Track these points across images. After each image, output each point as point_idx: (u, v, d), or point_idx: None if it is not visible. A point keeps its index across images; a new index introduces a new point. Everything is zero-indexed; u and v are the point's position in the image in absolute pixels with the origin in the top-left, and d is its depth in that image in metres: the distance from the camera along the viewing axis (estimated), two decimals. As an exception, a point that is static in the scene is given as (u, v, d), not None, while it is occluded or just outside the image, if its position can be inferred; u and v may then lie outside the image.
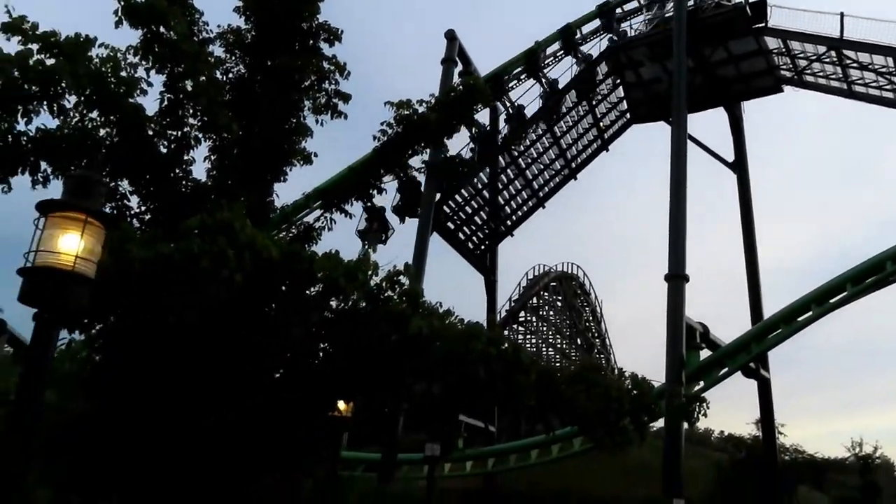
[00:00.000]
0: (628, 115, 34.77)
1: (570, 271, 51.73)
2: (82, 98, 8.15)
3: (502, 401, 7.87)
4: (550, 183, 34.65)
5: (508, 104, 31.00)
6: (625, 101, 34.31)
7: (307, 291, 7.97)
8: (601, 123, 34.48)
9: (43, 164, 8.29)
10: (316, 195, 12.12)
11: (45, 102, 7.77)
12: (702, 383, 24.57)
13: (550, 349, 48.32)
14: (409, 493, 17.45)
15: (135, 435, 7.27)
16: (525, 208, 34.22)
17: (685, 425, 21.99)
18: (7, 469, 3.96)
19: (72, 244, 4.22)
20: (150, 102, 9.16)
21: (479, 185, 31.54)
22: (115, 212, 9.18)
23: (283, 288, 7.45)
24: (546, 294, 49.32)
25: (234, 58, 11.43)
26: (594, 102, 33.37)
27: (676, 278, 23.97)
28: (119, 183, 9.25)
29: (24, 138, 7.94)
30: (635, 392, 8.81)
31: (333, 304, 8.27)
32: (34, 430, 4.10)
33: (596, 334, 54.04)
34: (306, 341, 7.37)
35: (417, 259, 25.32)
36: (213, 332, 7.27)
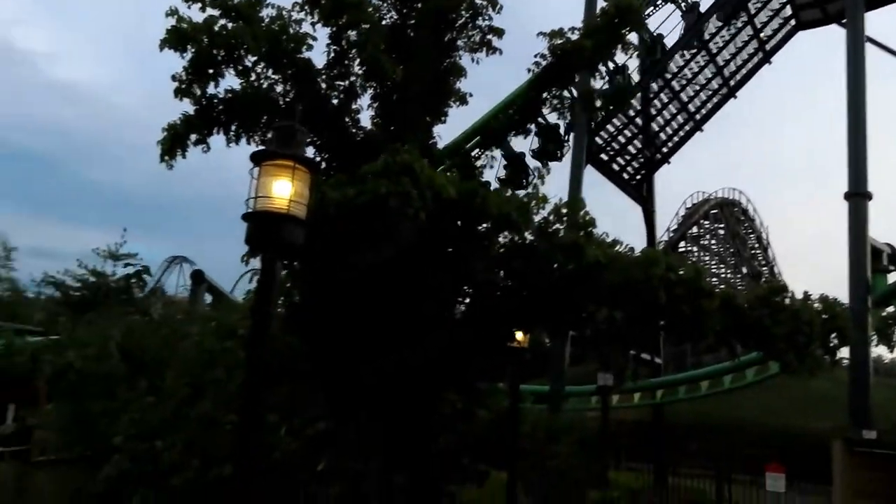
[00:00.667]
0: (793, 22, 31.77)
1: (731, 197, 48.99)
2: (260, 58, 8.70)
3: (686, 326, 7.73)
4: (707, 104, 32.63)
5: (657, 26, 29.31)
6: (789, 6, 31.34)
7: (479, 228, 8.18)
8: (762, 34, 31.79)
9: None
10: (473, 133, 12.26)
11: (230, 65, 8.40)
12: (891, 308, 22.75)
13: (714, 279, 46.42)
14: (580, 423, 17.75)
15: (333, 367, 7.93)
16: (681, 133, 32.57)
17: (882, 351, 20.52)
18: (259, 398, 4.43)
19: (284, 189, 4.60)
20: (317, 56, 9.63)
21: (632, 113, 30.35)
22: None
23: (460, 225, 7.69)
24: (706, 222, 47.17)
25: (385, 4, 11.63)
26: (753, 11, 30.79)
27: (857, 196, 22.03)
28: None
29: (216, 100, 8.65)
30: (825, 315, 8.33)
31: (501, 239, 8.43)
32: (266, 359, 4.58)
33: (763, 261, 51.16)
34: (485, 276, 7.60)
35: (572, 192, 25.02)
36: (396, 272, 7.68)
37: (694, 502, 16.31)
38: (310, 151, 9.92)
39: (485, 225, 8.24)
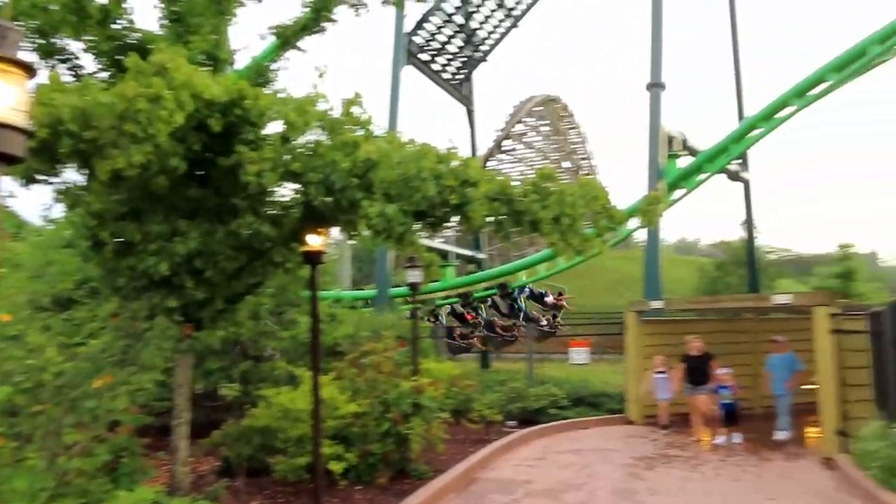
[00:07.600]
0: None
1: (553, 95, 50.91)
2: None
3: (455, 215, 8.16)
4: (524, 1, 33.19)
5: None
6: None
7: (262, 131, 8.01)
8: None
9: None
10: (275, 35, 11.75)
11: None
12: (685, 189, 25.24)
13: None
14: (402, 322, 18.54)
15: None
16: (500, 30, 33.05)
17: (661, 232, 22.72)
18: None
19: (-6, 95, 4.28)
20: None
21: (450, 11, 30.33)
22: (74, 72, 9.10)
23: (236, 129, 7.49)
24: (531, 119, 48.83)
25: None
26: None
27: (655, 87, 23.88)
28: (65, 42, 8.99)
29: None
30: (592, 196, 8.97)
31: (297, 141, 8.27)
32: None
33: (584, 156, 54.16)
34: (259, 181, 7.43)
35: (392, 92, 25.10)
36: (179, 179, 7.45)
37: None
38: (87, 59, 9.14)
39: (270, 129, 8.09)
